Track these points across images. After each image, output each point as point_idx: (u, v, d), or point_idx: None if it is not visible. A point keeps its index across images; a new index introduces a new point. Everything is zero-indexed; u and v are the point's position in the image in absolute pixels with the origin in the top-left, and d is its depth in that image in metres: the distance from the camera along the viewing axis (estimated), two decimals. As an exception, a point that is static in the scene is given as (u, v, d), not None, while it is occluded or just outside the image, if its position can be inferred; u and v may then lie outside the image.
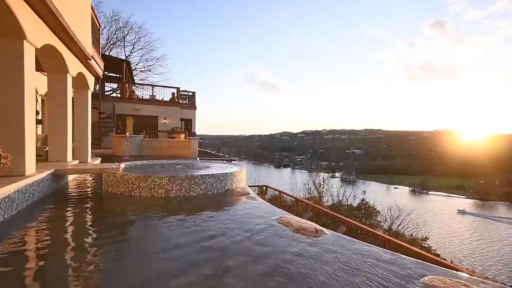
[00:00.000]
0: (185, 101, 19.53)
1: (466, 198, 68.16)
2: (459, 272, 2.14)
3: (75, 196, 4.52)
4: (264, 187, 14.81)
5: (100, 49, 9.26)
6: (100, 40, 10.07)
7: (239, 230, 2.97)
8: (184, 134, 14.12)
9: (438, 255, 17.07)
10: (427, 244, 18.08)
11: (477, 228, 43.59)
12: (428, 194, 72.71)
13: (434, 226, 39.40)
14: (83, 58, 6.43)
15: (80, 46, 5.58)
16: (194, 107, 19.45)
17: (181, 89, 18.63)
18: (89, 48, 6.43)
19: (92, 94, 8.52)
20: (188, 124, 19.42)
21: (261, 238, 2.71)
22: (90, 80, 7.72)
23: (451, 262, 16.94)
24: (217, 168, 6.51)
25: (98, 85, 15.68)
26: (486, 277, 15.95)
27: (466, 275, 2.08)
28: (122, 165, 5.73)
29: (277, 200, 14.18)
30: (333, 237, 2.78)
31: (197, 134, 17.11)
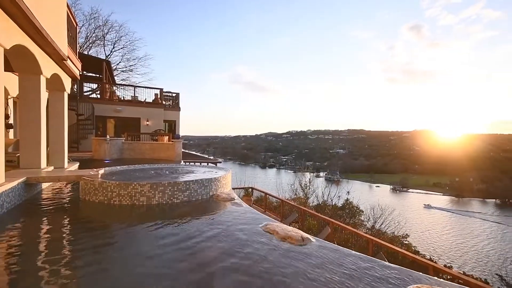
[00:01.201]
0: (168, 102, 19.13)
1: (443, 195, 71.36)
2: (442, 280, 2.18)
3: (49, 206, 4.25)
4: (250, 189, 14.73)
5: (78, 49, 8.84)
6: (78, 39, 9.63)
7: (223, 238, 2.89)
8: (167, 136, 13.81)
9: (417, 252, 17.71)
10: (407, 241, 18.72)
11: (448, 223, 46.40)
12: (408, 192, 75.47)
13: (413, 222, 41.24)
14: (58, 59, 6.10)
15: (54, 47, 5.28)
16: (178, 109, 19.09)
17: (164, 90, 18.24)
18: (64, 48, 6.12)
19: (69, 95, 8.12)
20: (172, 126, 19.03)
21: (246, 250, 2.64)
22: (66, 81, 7.35)
23: (431, 259, 17.62)
24: (201, 172, 6.38)
25: (76, 86, 15.03)
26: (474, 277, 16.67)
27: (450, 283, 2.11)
28: (101, 171, 5.48)
29: (263, 201, 14.18)
30: (319, 245, 2.76)
31: (181, 135, 16.80)
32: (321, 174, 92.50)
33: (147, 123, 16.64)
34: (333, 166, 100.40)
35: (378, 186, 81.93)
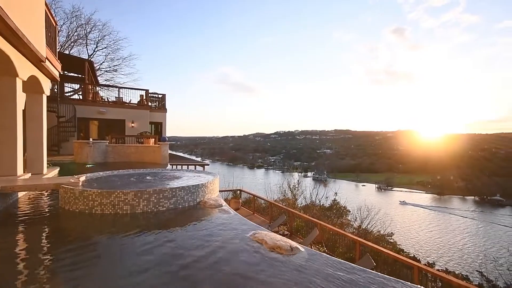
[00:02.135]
0: (154, 103, 18.75)
1: (425, 193, 73.76)
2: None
3: (25, 216, 4.03)
4: (238, 191, 14.65)
5: (57, 49, 8.48)
6: (58, 39, 9.26)
7: (209, 250, 2.82)
8: (153, 139, 13.50)
9: (402, 250, 18.16)
10: (392, 239, 19.19)
11: (427, 219, 48.75)
12: (393, 190, 77.53)
13: (396, 219, 42.79)
14: (36, 60, 5.81)
15: (31, 48, 5.02)
16: (165, 110, 18.74)
17: (150, 91, 17.85)
18: (42, 49, 5.84)
19: (49, 96, 7.78)
20: (158, 128, 18.67)
21: (234, 265, 2.58)
22: (45, 83, 7.03)
23: (414, 257, 18.11)
24: (188, 177, 6.26)
25: (56, 86, 14.46)
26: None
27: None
28: (82, 177, 5.27)
29: (252, 203, 14.12)
30: (308, 254, 2.73)
31: (168, 135, 16.49)
32: (309, 174, 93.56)
33: (132, 125, 16.23)
34: (321, 166, 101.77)
35: (364, 185, 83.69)
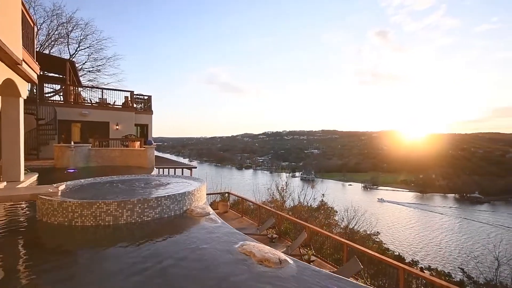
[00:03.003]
0: (140, 105, 18.33)
1: (409, 191, 75.99)
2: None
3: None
4: (226, 194, 14.53)
5: (36, 49, 8.13)
6: (36, 39, 8.88)
7: (195, 263, 2.74)
8: (139, 142, 13.19)
9: (387, 250, 18.58)
10: (378, 239, 19.59)
11: (410, 216, 50.70)
12: (378, 189, 79.42)
13: (380, 217, 44.38)
14: (11, 63, 5.52)
15: (6, 50, 4.76)
16: (151, 112, 18.36)
17: (135, 93, 17.43)
18: (18, 52, 5.55)
19: (28, 98, 7.43)
20: (144, 130, 18.27)
21: (220, 276, 2.51)
22: (22, 86, 6.70)
23: (399, 255, 18.56)
24: (175, 184, 6.12)
25: (35, 88, 13.86)
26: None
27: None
28: (62, 186, 5.04)
29: (240, 205, 14.01)
30: (297, 267, 2.70)
31: (155, 136, 16.14)
32: (297, 174, 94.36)
33: (117, 127, 15.79)
34: (308, 166, 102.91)
35: (350, 185, 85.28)
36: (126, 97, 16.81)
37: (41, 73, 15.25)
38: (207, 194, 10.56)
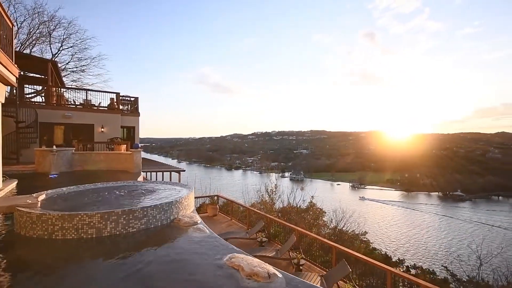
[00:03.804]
0: (126, 107, 17.92)
1: (395, 190, 77.86)
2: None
3: (-28, 245, 3.59)
4: (216, 197, 14.39)
5: (16, 48, 7.77)
6: (16, 39, 8.49)
7: (181, 276, 2.66)
8: (125, 145, 12.87)
9: (375, 249, 18.92)
10: (366, 238, 19.92)
11: (394, 215, 52.09)
12: (365, 188, 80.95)
13: (366, 216, 45.46)
14: (-13, 66, 5.25)
15: (-20, 53, 4.52)
16: (137, 114, 17.98)
17: (122, 94, 17.04)
18: (-6, 54, 5.28)
19: (7, 99, 7.08)
20: (130, 132, 17.86)
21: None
22: (0, 90, 6.39)
23: (386, 254, 18.93)
24: (162, 191, 5.98)
25: (15, 89, 13.30)
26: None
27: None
28: (42, 196, 4.83)
29: (229, 207, 13.91)
30: (286, 282, 2.67)
31: (143, 137, 15.87)
32: (286, 174, 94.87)
33: (102, 130, 15.36)
34: (297, 166, 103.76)
35: (339, 184, 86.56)
36: (112, 99, 16.39)
37: (22, 73, 14.66)
38: (195, 198, 10.40)
